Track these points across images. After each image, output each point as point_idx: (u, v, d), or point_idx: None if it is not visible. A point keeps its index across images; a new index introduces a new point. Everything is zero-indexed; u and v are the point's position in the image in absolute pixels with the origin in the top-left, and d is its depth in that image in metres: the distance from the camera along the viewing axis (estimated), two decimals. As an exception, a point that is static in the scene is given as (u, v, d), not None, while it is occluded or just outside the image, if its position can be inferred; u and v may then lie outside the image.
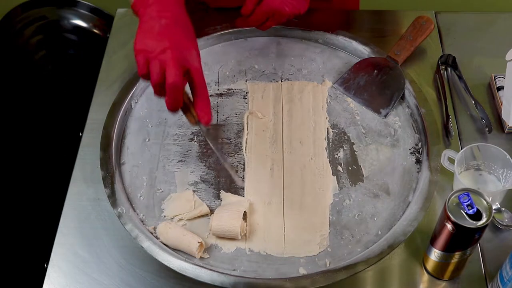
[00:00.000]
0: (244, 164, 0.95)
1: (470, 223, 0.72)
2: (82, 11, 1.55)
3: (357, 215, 0.89)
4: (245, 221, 0.87)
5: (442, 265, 0.80)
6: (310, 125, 0.99)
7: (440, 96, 1.03)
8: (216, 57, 1.09)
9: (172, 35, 0.82)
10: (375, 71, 1.05)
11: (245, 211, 0.86)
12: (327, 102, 1.02)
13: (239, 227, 0.84)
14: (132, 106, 1.02)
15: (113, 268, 0.86)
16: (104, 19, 1.55)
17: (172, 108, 0.82)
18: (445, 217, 0.73)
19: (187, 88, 0.84)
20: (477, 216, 0.72)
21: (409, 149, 0.96)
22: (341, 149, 0.96)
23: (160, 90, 0.81)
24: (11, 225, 1.39)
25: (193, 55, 0.83)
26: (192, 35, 0.85)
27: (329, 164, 0.94)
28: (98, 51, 1.12)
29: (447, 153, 0.90)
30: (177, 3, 0.85)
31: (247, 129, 0.99)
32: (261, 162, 0.95)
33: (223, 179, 0.93)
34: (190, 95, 0.85)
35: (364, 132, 0.98)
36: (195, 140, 0.98)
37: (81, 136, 1.00)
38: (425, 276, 0.84)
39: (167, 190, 0.92)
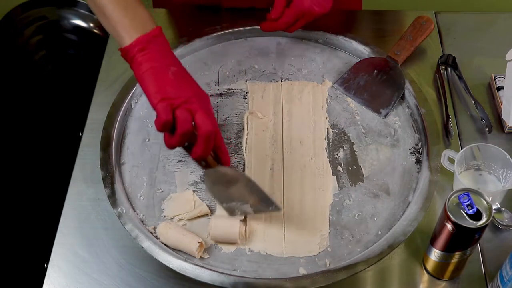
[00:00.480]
0: (244, 164, 0.95)
1: (470, 223, 0.72)
2: (82, 11, 1.55)
3: (357, 215, 0.89)
4: (245, 224, 0.87)
5: (442, 265, 0.80)
6: (310, 125, 0.99)
7: (440, 96, 1.03)
8: (216, 57, 1.09)
9: (189, 83, 0.81)
10: (375, 71, 1.05)
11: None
12: (327, 102, 1.02)
13: (237, 233, 0.84)
14: (132, 106, 1.02)
15: (113, 268, 0.86)
16: (104, 19, 1.55)
17: (203, 157, 0.80)
18: (445, 217, 0.73)
19: None
20: (477, 216, 0.72)
21: (409, 149, 0.96)
22: (341, 149, 0.96)
23: (184, 139, 0.78)
24: (11, 225, 1.39)
25: (209, 103, 0.82)
26: (196, 82, 0.83)
27: (329, 164, 0.94)
28: (98, 51, 1.12)
29: (447, 153, 0.90)
30: (171, 51, 0.83)
31: (247, 129, 0.99)
32: (261, 162, 0.95)
33: (223, 179, 0.93)
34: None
35: (364, 132, 0.98)
36: (195, 140, 0.98)
37: (81, 136, 1.00)
38: (425, 276, 0.84)
39: (167, 190, 0.92)
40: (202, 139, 0.77)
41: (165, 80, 0.79)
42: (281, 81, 1.05)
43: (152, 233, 0.87)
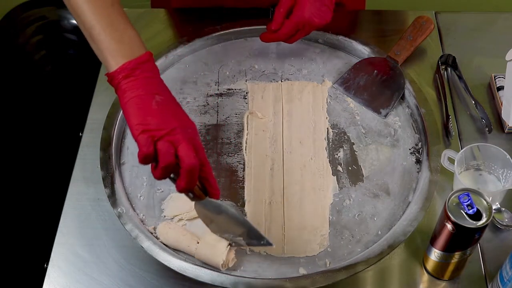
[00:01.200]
0: (244, 164, 0.95)
1: (470, 223, 0.72)
2: (82, 11, 1.55)
3: (357, 215, 0.89)
4: (233, 253, 0.84)
5: (442, 265, 0.80)
6: (310, 125, 0.99)
7: (440, 96, 1.03)
8: (216, 57, 1.09)
9: (174, 113, 0.76)
10: (375, 71, 1.05)
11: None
12: (327, 102, 1.02)
13: (220, 264, 0.82)
14: (132, 106, 1.02)
15: (113, 268, 0.86)
16: (104, 19, 1.54)
17: (187, 190, 0.76)
18: (445, 217, 0.73)
19: None
20: (477, 216, 0.72)
21: (409, 149, 0.96)
22: (341, 149, 0.96)
23: (167, 172, 0.74)
24: (11, 225, 1.39)
25: (196, 133, 0.77)
26: (184, 111, 0.78)
27: (329, 164, 0.94)
28: (98, 51, 1.12)
29: (447, 153, 0.90)
30: (160, 78, 0.79)
31: (247, 129, 0.99)
32: (261, 162, 0.95)
33: (223, 179, 0.93)
34: None
35: (364, 132, 0.98)
36: (195, 140, 0.98)
37: (81, 136, 1.00)
38: (425, 276, 0.84)
39: (167, 190, 0.92)
40: (185, 172, 0.73)
41: (148, 110, 0.74)
42: (281, 81, 1.05)
43: (152, 233, 0.87)
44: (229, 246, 0.83)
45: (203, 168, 0.76)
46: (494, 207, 0.88)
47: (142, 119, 0.73)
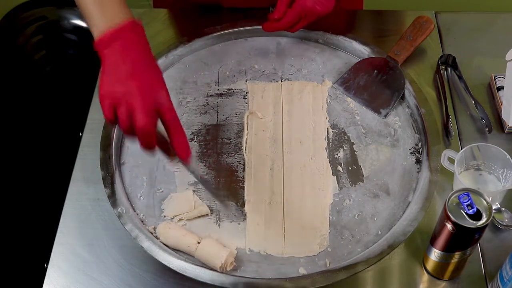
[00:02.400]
0: (244, 164, 0.95)
1: (470, 223, 0.72)
2: (82, 11, 1.54)
3: (357, 215, 0.89)
4: (232, 257, 0.84)
5: (442, 265, 0.80)
6: (310, 125, 0.99)
7: (440, 96, 1.03)
8: (216, 57, 1.09)
9: (140, 77, 0.78)
10: (375, 71, 1.05)
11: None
12: (327, 102, 1.02)
13: (218, 266, 0.82)
14: (132, 106, 1.02)
15: (113, 268, 0.86)
16: (104, 19, 1.54)
17: (146, 150, 0.78)
18: (445, 217, 0.73)
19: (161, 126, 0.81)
20: (477, 216, 0.72)
21: (409, 149, 0.96)
22: (341, 149, 0.96)
23: (131, 134, 0.77)
24: (11, 225, 1.39)
25: (163, 94, 0.79)
26: (160, 76, 0.80)
27: (329, 164, 0.94)
28: (98, 51, 1.12)
29: (447, 153, 0.90)
30: (143, 44, 0.81)
31: (247, 129, 0.99)
32: (261, 162, 0.95)
33: (223, 179, 0.93)
34: (165, 132, 0.80)
35: (364, 132, 0.98)
36: (195, 140, 0.98)
37: (81, 136, 1.00)
38: (425, 276, 0.84)
39: (167, 190, 0.92)
40: (137, 135, 0.76)
41: (115, 75, 0.77)
42: (281, 81, 1.05)
43: (152, 233, 0.87)
44: (229, 250, 0.83)
45: (171, 128, 0.79)
46: (494, 207, 0.87)
47: (106, 85, 0.77)
